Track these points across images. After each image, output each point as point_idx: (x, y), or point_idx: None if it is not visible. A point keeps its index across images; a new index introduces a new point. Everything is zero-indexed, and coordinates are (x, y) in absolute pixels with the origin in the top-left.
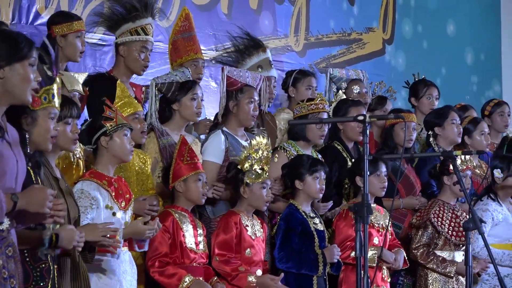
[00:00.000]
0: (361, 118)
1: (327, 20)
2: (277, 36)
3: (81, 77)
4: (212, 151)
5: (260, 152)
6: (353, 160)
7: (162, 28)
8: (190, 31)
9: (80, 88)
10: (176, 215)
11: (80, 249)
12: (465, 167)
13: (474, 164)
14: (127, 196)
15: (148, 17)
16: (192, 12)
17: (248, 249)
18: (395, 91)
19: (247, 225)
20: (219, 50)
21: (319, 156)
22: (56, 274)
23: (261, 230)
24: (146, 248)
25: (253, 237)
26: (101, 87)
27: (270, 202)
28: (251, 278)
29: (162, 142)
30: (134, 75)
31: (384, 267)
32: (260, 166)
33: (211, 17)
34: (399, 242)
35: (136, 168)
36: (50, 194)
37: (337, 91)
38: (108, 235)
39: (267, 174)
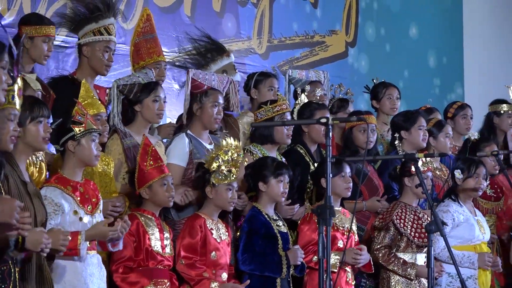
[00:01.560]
0: (324, 120)
1: (290, 22)
2: (240, 39)
3: (31, 80)
4: (177, 154)
5: (230, 154)
6: (315, 164)
7: (124, 30)
8: (152, 32)
9: (40, 87)
10: (142, 218)
11: (45, 253)
12: (426, 168)
13: (435, 166)
14: (94, 200)
15: (110, 17)
16: (155, 14)
17: (214, 252)
18: (353, 93)
19: (212, 229)
20: (182, 52)
21: (283, 159)
22: (18, 277)
23: (226, 233)
24: (120, 247)
25: (219, 240)
26: (64, 90)
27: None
28: (214, 285)
29: (126, 143)
30: (98, 77)
31: (348, 269)
32: (227, 168)
33: (174, 20)
34: (365, 248)
35: (99, 170)
36: (17, 205)
37: (301, 93)
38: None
39: (234, 176)
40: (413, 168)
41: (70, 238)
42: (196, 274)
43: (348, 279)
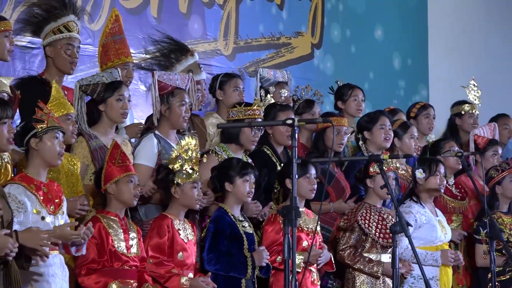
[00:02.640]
0: (289, 122)
1: (256, 24)
2: (206, 40)
3: (7, 81)
4: (145, 154)
5: (190, 152)
6: (282, 165)
7: (91, 32)
8: (120, 33)
9: (8, 89)
10: (104, 220)
11: (11, 258)
12: (386, 168)
13: (397, 165)
14: (57, 201)
15: (69, 14)
16: (121, 15)
17: (181, 253)
18: (322, 94)
19: (179, 229)
20: (149, 53)
21: (249, 160)
22: None
23: (192, 233)
24: (83, 252)
25: (186, 240)
26: (32, 90)
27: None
28: (184, 280)
29: (92, 144)
30: (66, 77)
31: (313, 269)
32: (190, 166)
33: (140, 21)
34: (326, 247)
35: (66, 169)
36: None
37: (266, 94)
38: (48, 248)
39: (197, 174)
40: (371, 169)
41: (53, 240)
42: (165, 271)
43: (313, 279)
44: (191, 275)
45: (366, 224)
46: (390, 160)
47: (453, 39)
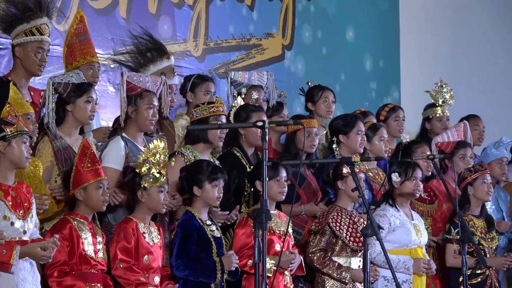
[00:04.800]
0: (260, 123)
1: (227, 25)
2: (176, 41)
3: None
4: (112, 157)
5: (158, 155)
6: (252, 167)
7: (59, 32)
8: (85, 34)
9: None
10: (75, 222)
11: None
12: (358, 170)
13: (367, 167)
14: (26, 204)
15: (43, 17)
16: (90, 16)
17: (146, 256)
18: (286, 95)
19: (144, 232)
20: (117, 54)
21: (217, 162)
22: None
23: (159, 236)
24: (50, 260)
25: (151, 244)
26: None
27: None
28: None
29: (56, 145)
30: (33, 78)
31: (286, 273)
32: (157, 170)
33: (109, 21)
34: (297, 249)
35: (27, 171)
36: None
37: (237, 96)
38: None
39: (164, 178)
40: (344, 170)
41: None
42: (134, 279)
43: (286, 283)
44: (157, 278)
45: (337, 227)
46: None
47: (425, 41)
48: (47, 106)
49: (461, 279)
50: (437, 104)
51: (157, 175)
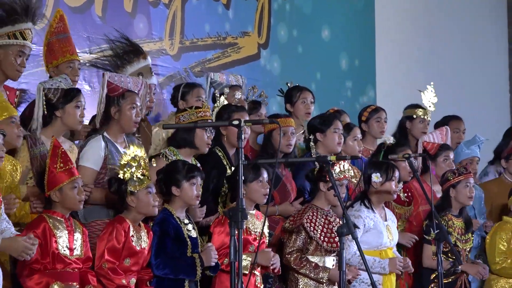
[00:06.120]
0: (236, 122)
1: (202, 24)
2: (152, 40)
3: None
4: (91, 157)
5: (137, 158)
6: (233, 167)
7: (35, 30)
8: (65, 32)
9: None
10: (50, 220)
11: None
12: (342, 176)
13: (352, 174)
14: None
15: (28, 22)
16: (65, 13)
17: (128, 259)
18: (267, 95)
19: (132, 235)
20: (93, 52)
21: (198, 164)
22: None
23: (147, 241)
24: (28, 258)
25: (138, 248)
26: None
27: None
28: None
29: (34, 152)
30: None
31: (257, 273)
32: (141, 172)
33: (85, 19)
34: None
35: (7, 173)
36: None
37: (220, 96)
38: None
39: (149, 178)
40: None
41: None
42: (117, 282)
43: (257, 283)
44: (133, 280)
45: (311, 227)
46: (345, 168)
47: (401, 39)
48: (36, 111)
49: (432, 276)
50: (424, 107)
51: (141, 177)
